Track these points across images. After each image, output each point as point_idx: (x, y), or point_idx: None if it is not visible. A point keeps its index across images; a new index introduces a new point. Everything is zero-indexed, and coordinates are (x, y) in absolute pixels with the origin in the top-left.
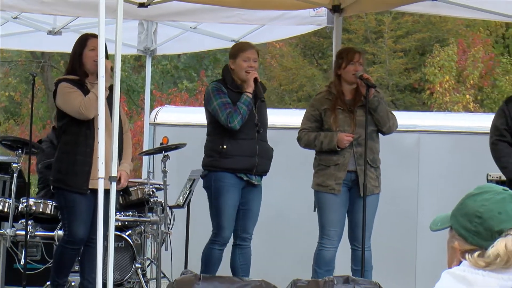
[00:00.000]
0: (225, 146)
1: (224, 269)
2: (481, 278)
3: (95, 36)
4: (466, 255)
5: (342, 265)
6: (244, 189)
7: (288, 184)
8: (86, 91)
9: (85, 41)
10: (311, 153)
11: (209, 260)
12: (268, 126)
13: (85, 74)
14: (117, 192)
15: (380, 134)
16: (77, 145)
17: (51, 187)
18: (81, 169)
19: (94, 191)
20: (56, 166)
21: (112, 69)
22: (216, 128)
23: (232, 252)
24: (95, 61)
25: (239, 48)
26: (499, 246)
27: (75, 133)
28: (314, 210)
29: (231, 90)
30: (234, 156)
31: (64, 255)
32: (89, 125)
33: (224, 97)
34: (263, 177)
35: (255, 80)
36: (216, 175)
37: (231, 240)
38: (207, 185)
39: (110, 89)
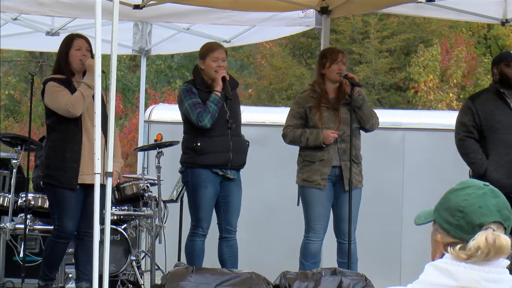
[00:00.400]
0: (199, 144)
1: (212, 262)
2: (462, 270)
3: (80, 36)
4: (448, 248)
5: (327, 257)
6: (222, 183)
7: (277, 180)
8: (73, 90)
9: (71, 41)
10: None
11: (193, 252)
12: (256, 123)
13: (71, 73)
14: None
15: (361, 132)
16: (65, 142)
17: (41, 182)
18: (70, 165)
19: (83, 186)
20: (45, 163)
21: None
22: (190, 126)
23: (219, 245)
24: (80, 60)
25: (208, 49)
26: (479, 239)
27: (64, 130)
28: (298, 205)
29: (201, 90)
30: (208, 153)
31: (54, 248)
32: (77, 122)
33: (194, 98)
34: (241, 170)
35: (223, 78)
36: (193, 171)
37: (217, 234)
38: (185, 181)
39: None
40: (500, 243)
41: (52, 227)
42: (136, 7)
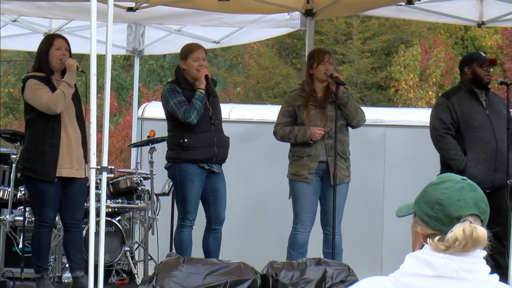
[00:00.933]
0: (186, 140)
1: (194, 251)
2: (441, 260)
3: (60, 37)
4: (428, 240)
5: (315, 248)
6: (208, 177)
7: (266, 174)
8: (52, 87)
9: (51, 40)
10: (287, 145)
11: (182, 244)
12: (245, 120)
13: (51, 71)
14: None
15: (349, 128)
16: (44, 137)
17: (19, 175)
18: (49, 159)
19: (61, 179)
20: (25, 156)
21: (77, 68)
22: (176, 124)
23: (204, 236)
24: (60, 60)
25: (188, 49)
26: (457, 231)
27: (43, 125)
28: (289, 198)
29: (185, 89)
30: (194, 148)
31: (40, 238)
32: (56, 118)
33: (179, 96)
34: (228, 164)
35: (206, 77)
36: (180, 166)
37: (204, 225)
38: (172, 176)
39: (75, 86)
40: (477, 235)
41: None
42: (130, 9)
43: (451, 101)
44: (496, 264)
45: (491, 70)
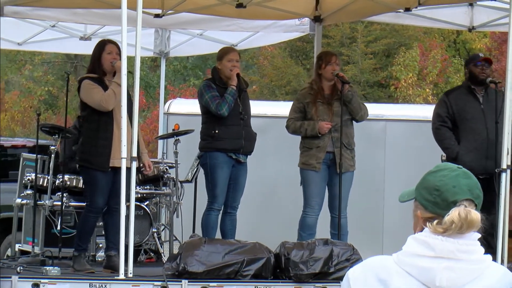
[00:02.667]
0: (217, 131)
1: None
2: (440, 242)
3: (111, 42)
4: (427, 223)
5: (323, 230)
6: (234, 167)
7: (277, 163)
8: (105, 87)
9: (103, 46)
10: (296, 138)
11: (208, 225)
12: (259, 115)
13: (103, 73)
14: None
15: (354, 122)
16: (98, 131)
17: (77, 165)
18: (102, 151)
19: (113, 169)
20: (81, 148)
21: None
22: (209, 117)
23: (222, 219)
24: (111, 63)
25: (224, 52)
26: (453, 214)
27: (97, 121)
28: (301, 185)
29: (219, 86)
30: (224, 139)
31: (86, 222)
32: (109, 114)
33: (213, 91)
34: (250, 156)
35: (238, 75)
36: (211, 154)
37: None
38: (204, 163)
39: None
40: (471, 217)
41: (84, 203)
42: (157, 16)
43: (449, 98)
44: (488, 245)
45: (487, 67)
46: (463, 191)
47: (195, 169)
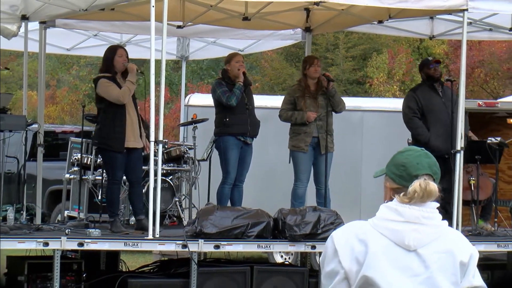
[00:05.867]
0: (227, 119)
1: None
2: (407, 210)
3: (121, 47)
4: (396, 195)
5: (310, 199)
6: (242, 148)
7: (275, 147)
8: (118, 85)
9: (115, 50)
10: (289, 125)
11: (222, 196)
12: (261, 107)
13: (115, 73)
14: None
15: (333, 113)
16: (115, 120)
17: (96, 147)
18: (119, 136)
19: (127, 149)
20: (99, 134)
21: (137, 70)
22: (221, 108)
23: (231, 191)
24: (123, 64)
25: (232, 56)
26: (415, 185)
27: (113, 112)
28: (289, 162)
29: (227, 83)
30: (234, 125)
31: (112, 191)
32: (122, 106)
33: (224, 87)
34: (254, 139)
35: (244, 73)
36: (223, 138)
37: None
38: (218, 146)
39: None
40: (430, 188)
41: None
42: (179, 27)
43: (417, 93)
44: (446, 212)
45: (439, 66)
46: (424, 167)
47: (210, 150)
